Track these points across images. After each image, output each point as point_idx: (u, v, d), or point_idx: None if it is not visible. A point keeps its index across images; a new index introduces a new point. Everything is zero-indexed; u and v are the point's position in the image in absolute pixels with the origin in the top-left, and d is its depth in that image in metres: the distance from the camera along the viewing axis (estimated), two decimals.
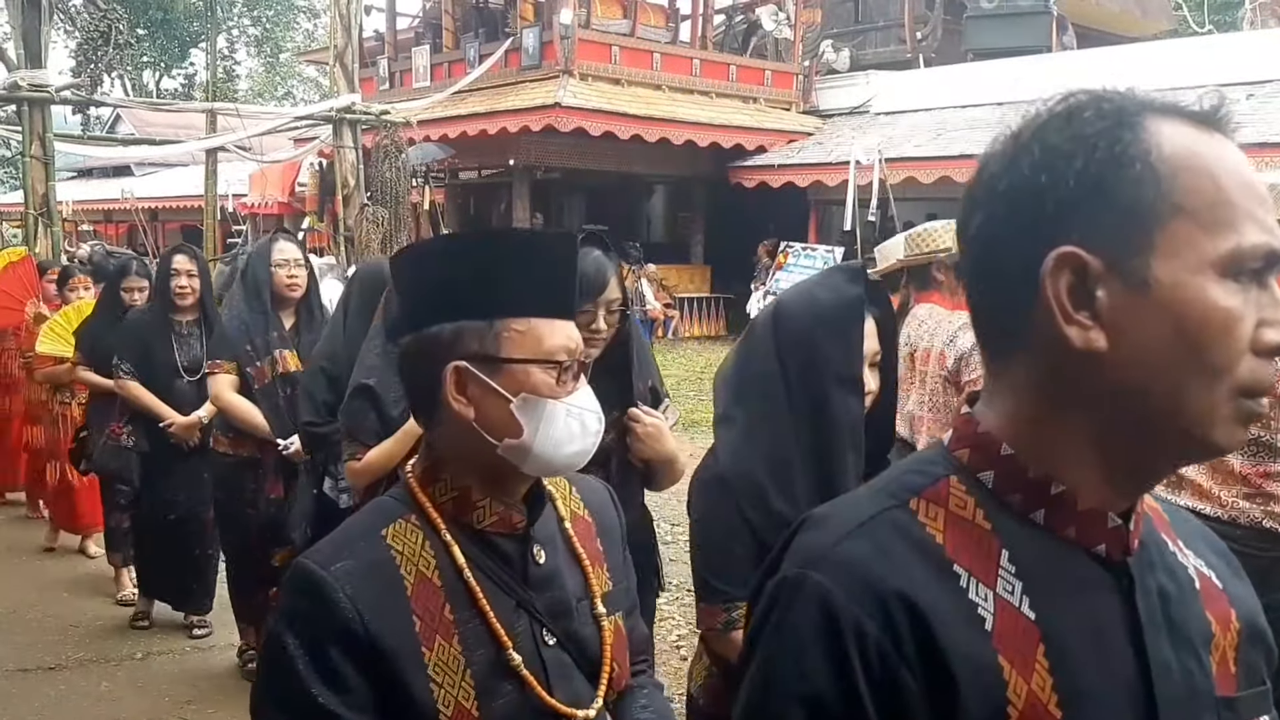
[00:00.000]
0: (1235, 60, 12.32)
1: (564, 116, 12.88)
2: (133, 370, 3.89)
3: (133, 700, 3.63)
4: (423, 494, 1.12)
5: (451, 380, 1.08)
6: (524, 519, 1.14)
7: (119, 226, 22.39)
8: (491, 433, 1.08)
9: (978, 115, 13.84)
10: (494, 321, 1.08)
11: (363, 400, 2.52)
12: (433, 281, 1.12)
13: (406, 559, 1.08)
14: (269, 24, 33.36)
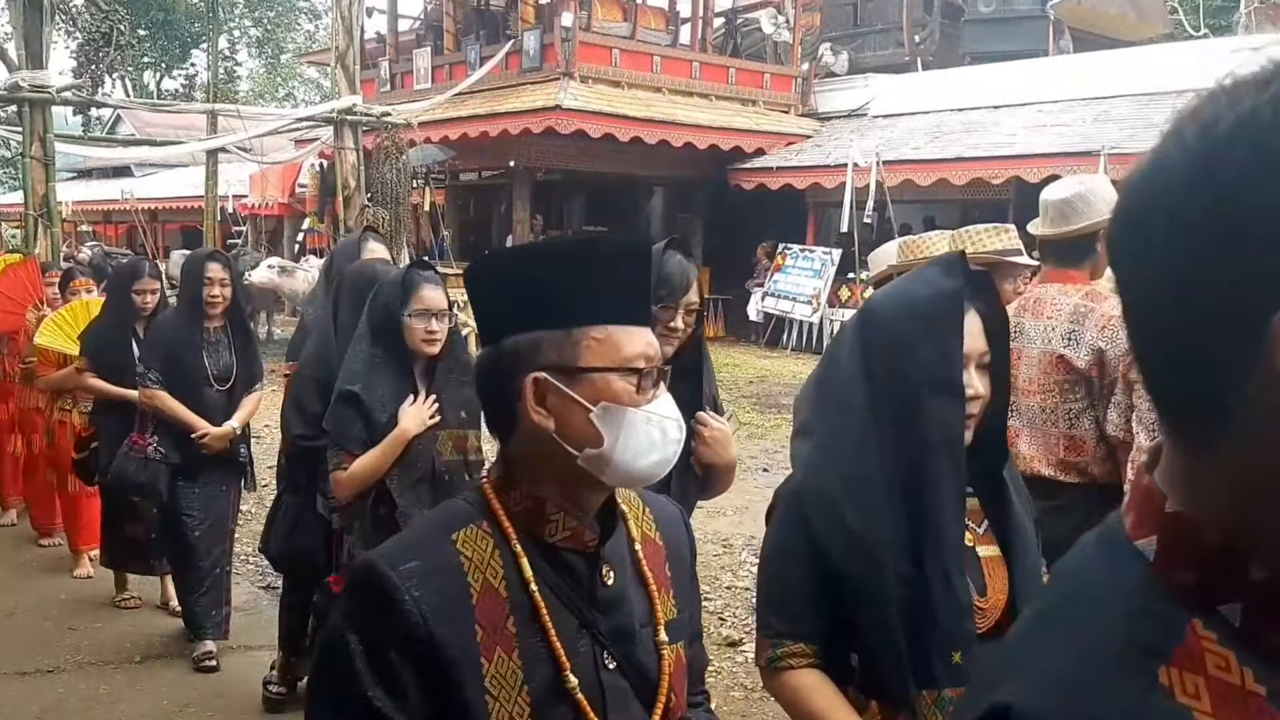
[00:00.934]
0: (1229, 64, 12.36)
1: (564, 118, 12.94)
2: (161, 379, 3.72)
3: (131, 703, 3.61)
4: (497, 501, 1.09)
5: (530, 391, 1.05)
6: (596, 537, 1.11)
7: (118, 227, 22.43)
8: (571, 443, 1.05)
9: (975, 118, 13.91)
10: (572, 330, 1.05)
11: (348, 407, 2.46)
12: (509, 292, 1.09)
13: (475, 566, 1.05)
14: (270, 25, 33.42)
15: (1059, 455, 2.57)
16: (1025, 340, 2.67)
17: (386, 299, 2.52)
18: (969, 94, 14.25)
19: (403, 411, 2.48)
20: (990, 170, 12.40)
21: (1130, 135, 11.71)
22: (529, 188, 14.65)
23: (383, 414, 2.45)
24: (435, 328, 2.51)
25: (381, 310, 2.52)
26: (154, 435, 3.79)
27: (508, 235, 15.22)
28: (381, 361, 2.50)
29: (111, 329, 4.24)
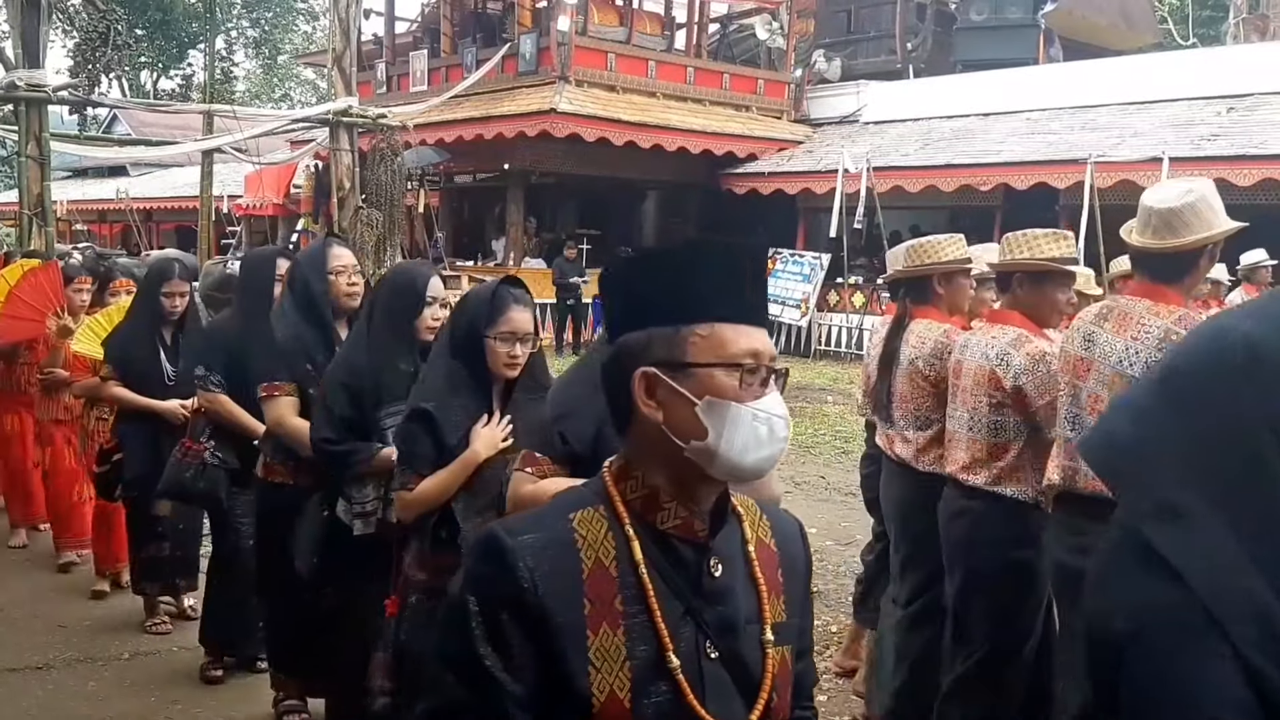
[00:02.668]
0: (1217, 74, 12.55)
1: (559, 122, 13.04)
2: (223, 382, 3.50)
3: (121, 700, 3.59)
4: (614, 488, 1.15)
5: (641, 385, 1.11)
6: (706, 528, 1.15)
7: (113, 227, 22.46)
8: (679, 435, 1.11)
9: (965, 125, 14.06)
10: (680, 327, 1.11)
11: (420, 425, 2.35)
12: (629, 293, 1.17)
13: (588, 544, 1.11)
14: (268, 26, 33.49)
15: None
16: (1098, 353, 2.49)
17: (472, 315, 2.39)
18: (960, 101, 14.40)
19: (475, 432, 2.36)
20: (979, 177, 12.54)
21: (1117, 143, 11.86)
22: (523, 191, 14.75)
23: (455, 434, 2.34)
24: (519, 352, 2.38)
25: (465, 326, 2.40)
26: (210, 440, 3.57)
27: (501, 238, 15.32)
28: (460, 379, 2.38)
29: (138, 334, 4.00)
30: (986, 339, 2.90)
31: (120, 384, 3.98)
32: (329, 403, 2.74)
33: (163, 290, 3.96)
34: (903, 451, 3.26)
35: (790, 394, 10.85)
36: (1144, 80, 12.93)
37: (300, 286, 3.17)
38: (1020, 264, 2.87)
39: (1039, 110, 13.48)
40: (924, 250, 3.31)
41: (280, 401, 3.10)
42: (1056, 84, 13.71)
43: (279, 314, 3.22)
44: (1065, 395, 2.59)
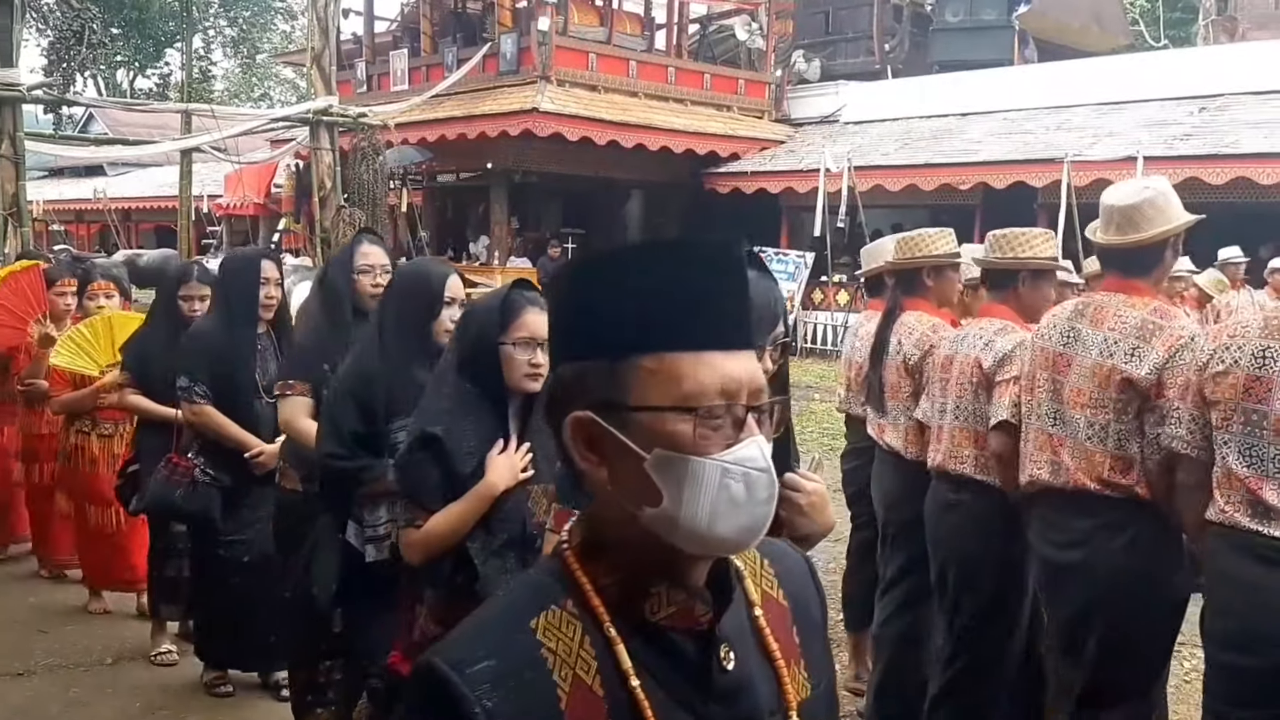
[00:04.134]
0: (1188, 75, 12.77)
1: (541, 121, 13.08)
2: (208, 393, 3.32)
3: (102, 705, 3.56)
4: (582, 573, 0.89)
5: (576, 433, 0.87)
6: (709, 612, 0.89)
7: (90, 227, 22.26)
8: (629, 499, 0.86)
9: (943, 125, 14.22)
10: (619, 359, 0.85)
11: (427, 453, 2.05)
12: (563, 311, 0.92)
13: (561, 660, 0.85)
14: (246, 25, 33.25)
15: (1103, 473, 2.47)
16: (1080, 348, 2.53)
17: (480, 323, 2.12)
18: (937, 101, 14.56)
19: (491, 460, 2.06)
20: (958, 176, 12.69)
21: (1092, 143, 12.05)
22: (506, 190, 14.76)
23: (468, 462, 2.04)
24: (541, 360, 2.07)
25: (474, 336, 2.12)
26: (199, 455, 3.37)
27: (484, 237, 15.33)
28: (471, 398, 2.09)
29: (156, 340, 3.78)
30: (976, 331, 2.98)
31: (138, 392, 3.77)
32: (336, 415, 2.49)
33: (180, 294, 3.76)
34: (893, 441, 3.32)
35: None
36: (1118, 81, 13.14)
37: (327, 283, 3.03)
38: (1024, 263, 2.92)
39: (1016, 110, 13.66)
40: (914, 243, 3.37)
41: (292, 401, 2.94)
42: (1032, 84, 13.90)
43: (304, 310, 3.12)
44: (1045, 391, 2.63)
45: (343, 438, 2.46)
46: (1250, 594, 2.16)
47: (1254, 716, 2.17)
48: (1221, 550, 2.24)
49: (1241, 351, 2.20)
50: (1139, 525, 2.44)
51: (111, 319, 4.23)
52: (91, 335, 4.13)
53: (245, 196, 16.84)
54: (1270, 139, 10.76)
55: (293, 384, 2.98)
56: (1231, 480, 2.21)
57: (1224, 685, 2.26)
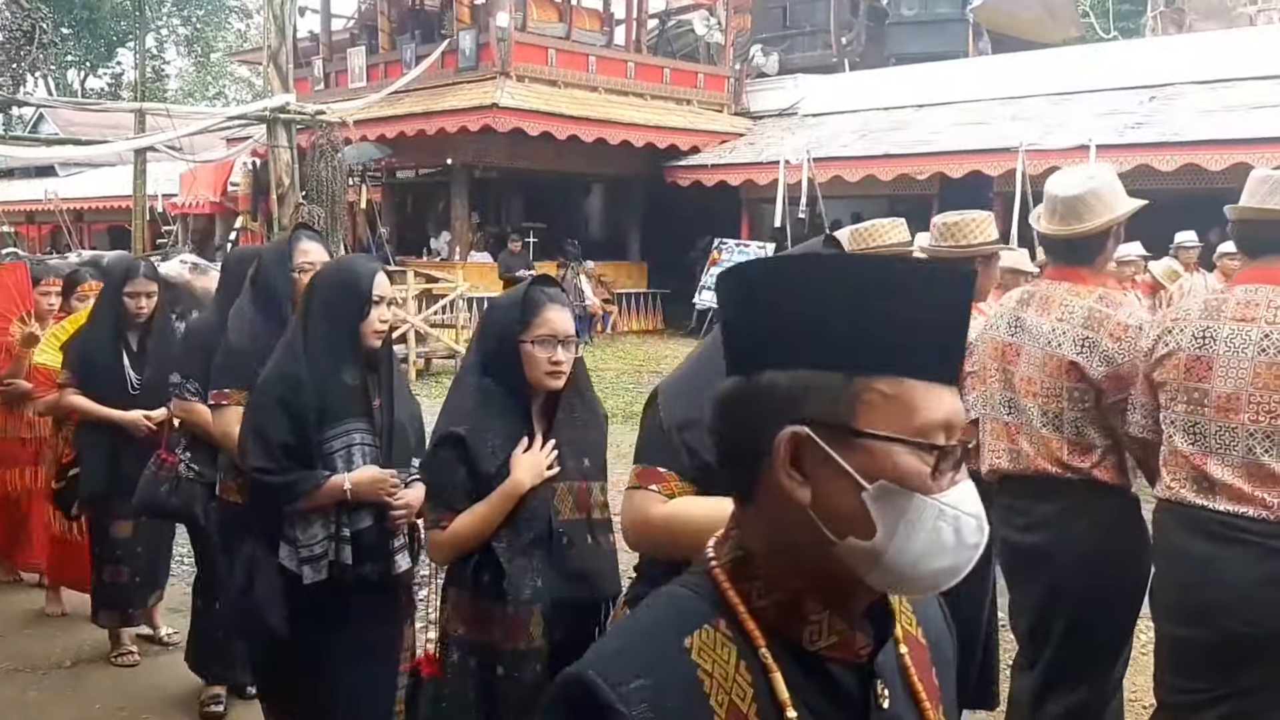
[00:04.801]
0: (1137, 65, 13.04)
1: (501, 117, 13.05)
2: (200, 390, 3.20)
3: (62, 709, 3.51)
4: (734, 592, 0.83)
5: (787, 450, 0.80)
6: (869, 644, 0.84)
7: (41, 228, 21.82)
8: (831, 526, 0.80)
9: (900, 116, 14.40)
10: (854, 377, 0.79)
11: (452, 453, 2.04)
12: (777, 308, 0.83)
13: (718, 684, 0.79)
14: (199, 24, 32.77)
15: (1062, 457, 2.48)
16: (1027, 338, 2.54)
17: (501, 322, 2.11)
18: (894, 93, 14.74)
19: (515, 459, 2.05)
20: (915, 167, 12.86)
21: (1045, 132, 12.27)
22: (467, 186, 14.72)
23: (492, 461, 2.03)
24: (562, 357, 2.07)
25: (495, 335, 2.11)
26: (186, 451, 3.30)
27: (444, 232, 15.27)
28: (495, 397, 2.07)
29: (99, 338, 3.68)
30: None
31: (79, 392, 3.66)
32: (262, 425, 2.36)
33: (126, 291, 3.64)
34: None
35: None
36: (1070, 72, 13.39)
37: (262, 282, 2.85)
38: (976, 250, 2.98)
39: (971, 101, 13.87)
40: (867, 234, 3.38)
41: (229, 412, 2.80)
42: (987, 76, 14.12)
43: (237, 312, 2.91)
44: (997, 381, 2.65)
45: (271, 450, 2.32)
46: (1197, 568, 2.20)
47: (1204, 687, 2.22)
48: (1170, 526, 2.30)
49: (1183, 334, 2.25)
50: (1100, 507, 2.46)
51: None
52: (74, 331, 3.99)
53: (201, 195, 16.63)
54: (1217, 126, 11.04)
55: (228, 393, 2.82)
56: (1177, 458, 2.26)
57: (1174, 657, 2.31)
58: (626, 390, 10.00)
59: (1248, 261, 2.34)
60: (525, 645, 2.02)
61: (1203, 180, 10.52)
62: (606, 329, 14.92)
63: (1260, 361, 2.15)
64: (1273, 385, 2.13)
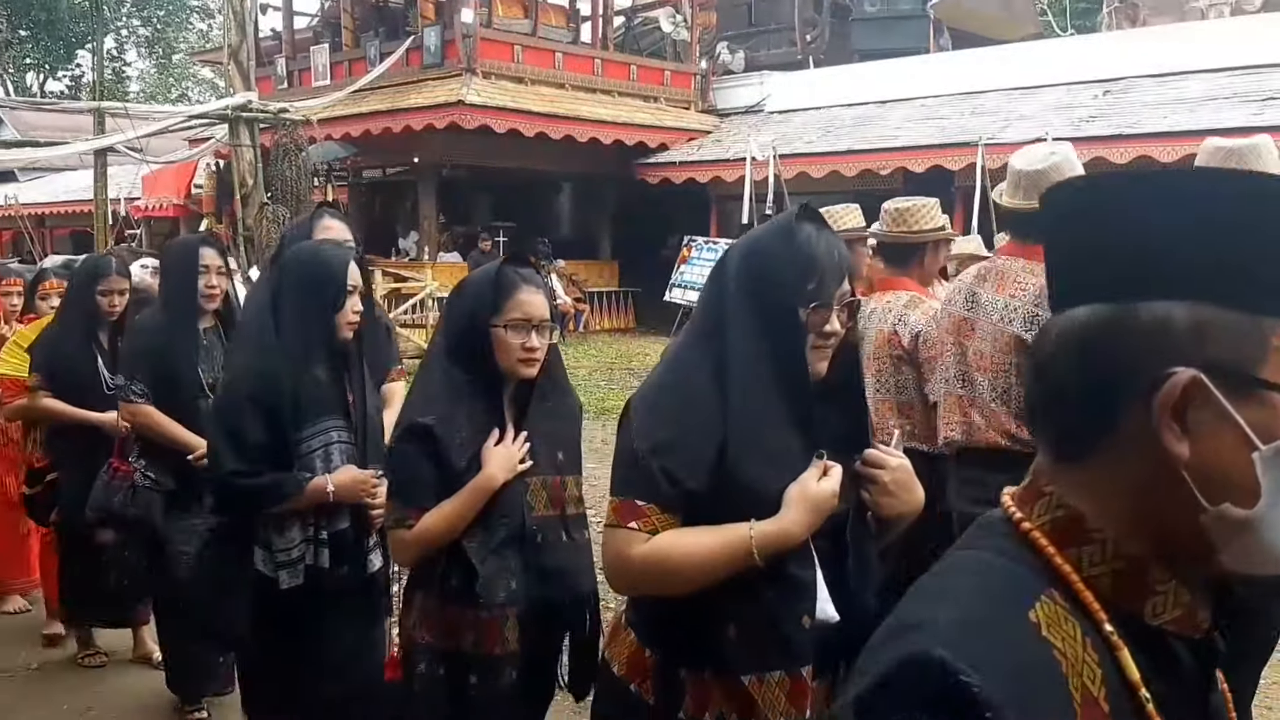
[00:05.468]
0: (1093, 60, 13.29)
1: (468, 114, 13.03)
2: (147, 392, 3.09)
3: (29, 710, 3.49)
4: (1062, 558, 0.72)
5: (1176, 396, 0.68)
6: (1209, 618, 0.74)
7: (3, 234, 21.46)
8: (1206, 489, 0.68)
9: (864, 112, 14.56)
10: (1263, 319, 0.67)
11: (418, 446, 1.90)
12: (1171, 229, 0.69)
13: (1070, 666, 0.68)
14: (160, 24, 32.37)
15: (1011, 429, 2.52)
16: (981, 312, 2.59)
17: (471, 304, 1.97)
18: (858, 90, 14.90)
19: (487, 452, 1.92)
20: (879, 162, 13.01)
21: (1005, 127, 12.47)
22: (434, 184, 14.67)
23: (462, 455, 1.90)
24: (536, 344, 1.94)
25: (464, 318, 1.97)
26: (140, 459, 3.16)
27: (413, 232, 15.22)
28: (462, 386, 1.94)
29: (70, 338, 3.56)
30: (883, 305, 3.06)
31: (50, 395, 3.53)
32: (235, 425, 2.22)
33: (99, 289, 3.52)
34: None
35: None
36: (1027, 67, 13.61)
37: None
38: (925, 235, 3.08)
39: (932, 97, 14.06)
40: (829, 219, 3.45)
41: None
42: (947, 72, 14.31)
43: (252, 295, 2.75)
44: (952, 355, 2.69)
45: (245, 451, 2.20)
46: None
47: None
48: None
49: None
50: None
51: None
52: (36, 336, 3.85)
53: (164, 198, 16.44)
54: (1169, 119, 11.29)
55: None
56: None
57: None
58: (599, 388, 10.05)
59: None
60: (500, 650, 1.91)
61: None
62: (578, 328, 14.96)
63: None
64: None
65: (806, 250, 1.49)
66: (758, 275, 1.49)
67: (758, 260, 1.51)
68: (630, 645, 1.56)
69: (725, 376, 1.45)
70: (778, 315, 1.46)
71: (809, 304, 1.47)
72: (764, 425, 1.44)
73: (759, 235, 1.56)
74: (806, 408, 1.46)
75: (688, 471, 1.43)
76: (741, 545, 1.42)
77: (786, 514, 1.43)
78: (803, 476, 1.44)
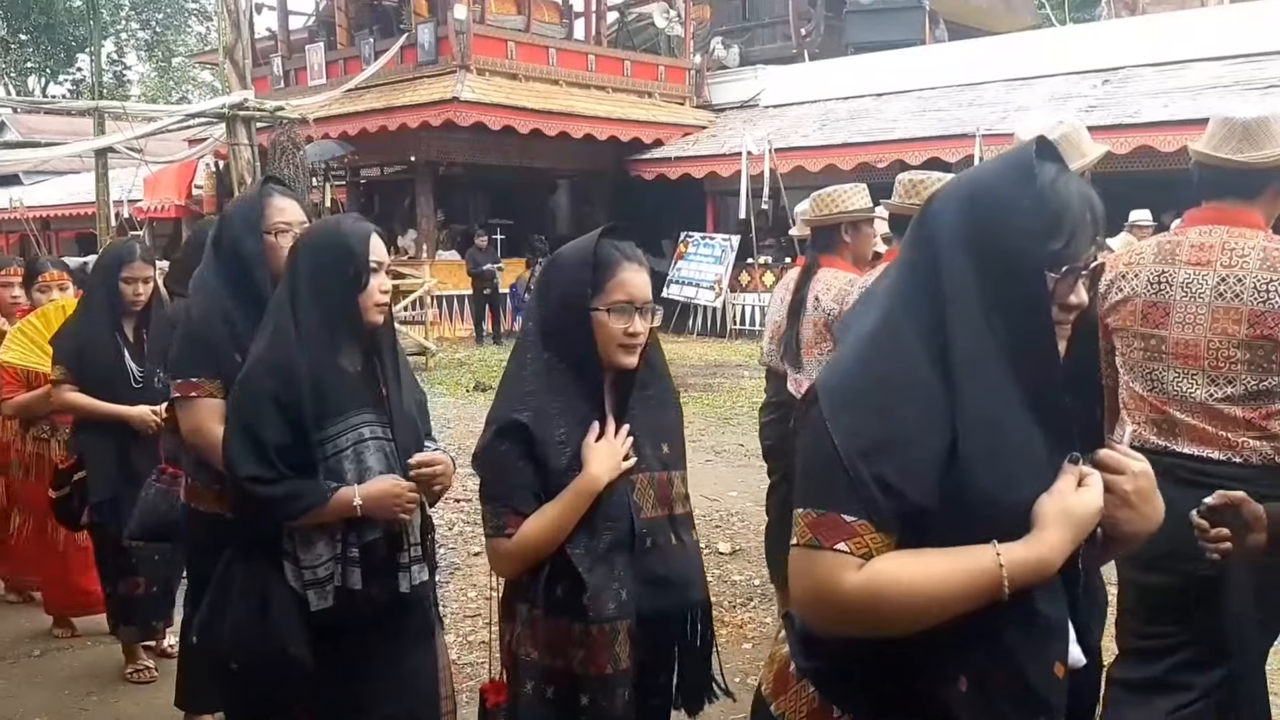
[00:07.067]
0: (1092, 49, 13.22)
1: (463, 111, 13.04)
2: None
3: (32, 696, 3.49)
4: None
5: None
6: None
7: (8, 237, 21.54)
8: None
9: (859, 105, 14.52)
10: None
11: (514, 444, 1.71)
12: None
13: None
14: (159, 27, 32.51)
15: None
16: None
17: (567, 285, 1.76)
18: (853, 83, 14.86)
19: (589, 449, 1.73)
20: (875, 155, 12.96)
21: (1002, 118, 12.41)
22: (431, 182, 14.69)
23: (562, 453, 1.72)
24: (639, 328, 1.75)
25: (560, 301, 1.76)
26: None
27: (411, 230, 15.24)
28: (559, 375, 1.74)
29: (94, 328, 3.35)
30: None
31: (76, 389, 3.32)
32: (251, 424, 1.96)
33: (123, 276, 3.31)
34: None
35: (709, 370, 11.12)
36: (1025, 57, 13.55)
37: (226, 247, 2.41)
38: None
39: (928, 89, 14.01)
40: (830, 200, 3.38)
41: (199, 405, 2.38)
42: (944, 63, 14.26)
43: (200, 285, 2.49)
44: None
45: (265, 454, 1.93)
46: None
47: (1168, 632, 2.24)
48: None
49: (1138, 279, 2.26)
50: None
51: (65, 306, 3.65)
52: (44, 326, 3.63)
53: (165, 199, 16.49)
54: (1169, 108, 11.21)
55: (196, 382, 2.37)
56: (1138, 402, 2.28)
57: (1135, 602, 2.32)
58: None
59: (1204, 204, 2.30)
60: (611, 669, 1.71)
61: (1156, 162, 10.67)
62: None
63: (1217, 306, 2.15)
64: (1230, 330, 2.15)
65: (1054, 199, 1.18)
66: (990, 230, 1.17)
67: (989, 212, 1.18)
68: (809, 701, 1.24)
69: (949, 357, 1.14)
70: (1019, 280, 1.16)
71: (1058, 268, 1.18)
72: (1005, 419, 1.14)
73: (985, 180, 1.23)
74: (1058, 397, 1.18)
75: (910, 479, 1.12)
76: (987, 574, 1.11)
77: (1042, 535, 1.12)
78: (1057, 486, 1.15)
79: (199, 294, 2.48)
